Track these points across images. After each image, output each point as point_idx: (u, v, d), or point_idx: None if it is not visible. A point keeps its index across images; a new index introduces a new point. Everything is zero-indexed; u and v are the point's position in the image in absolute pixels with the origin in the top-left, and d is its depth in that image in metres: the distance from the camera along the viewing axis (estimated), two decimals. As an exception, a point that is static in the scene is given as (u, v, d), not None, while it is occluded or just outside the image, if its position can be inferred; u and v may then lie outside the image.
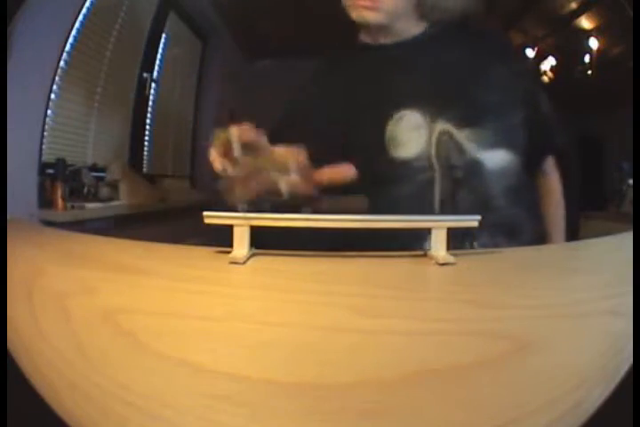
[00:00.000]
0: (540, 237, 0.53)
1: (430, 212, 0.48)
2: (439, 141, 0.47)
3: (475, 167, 0.48)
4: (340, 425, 0.20)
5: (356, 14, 0.47)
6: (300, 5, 0.54)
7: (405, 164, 0.47)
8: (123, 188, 0.63)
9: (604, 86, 0.65)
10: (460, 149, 0.47)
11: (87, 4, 0.59)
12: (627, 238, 0.42)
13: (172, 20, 0.64)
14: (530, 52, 0.65)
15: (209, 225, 0.39)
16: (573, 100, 0.65)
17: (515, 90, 0.50)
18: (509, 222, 0.50)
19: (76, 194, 0.62)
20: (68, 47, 0.59)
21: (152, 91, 0.63)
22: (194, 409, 0.21)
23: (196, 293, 0.33)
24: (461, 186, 0.48)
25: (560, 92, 0.67)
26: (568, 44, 0.68)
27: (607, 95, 0.64)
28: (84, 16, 0.60)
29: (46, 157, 0.59)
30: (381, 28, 0.49)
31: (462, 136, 0.47)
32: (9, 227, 0.48)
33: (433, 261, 0.39)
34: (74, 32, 0.59)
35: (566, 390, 0.23)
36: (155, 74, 0.63)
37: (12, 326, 0.30)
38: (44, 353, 0.27)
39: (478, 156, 0.48)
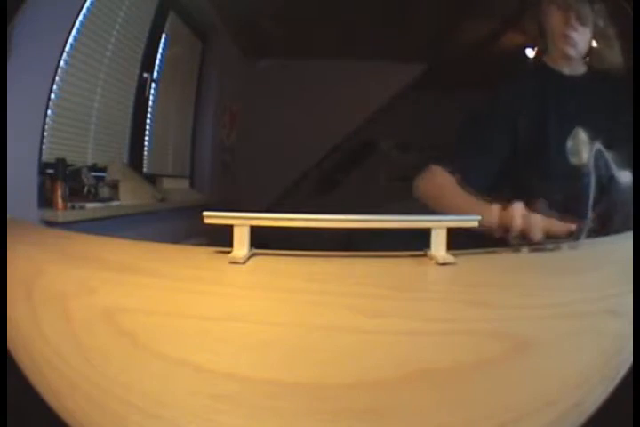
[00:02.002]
0: None
1: (586, 208, 0.56)
2: (596, 157, 0.58)
3: (615, 183, 0.58)
4: (340, 425, 0.20)
5: (564, 47, 0.58)
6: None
7: (578, 169, 0.57)
8: (123, 188, 0.63)
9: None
10: (607, 166, 0.58)
11: (87, 3, 0.59)
12: (627, 238, 0.42)
13: (172, 19, 0.64)
14: (530, 52, 0.65)
15: (209, 225, 0.39)
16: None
17: (628, 130, 0.60)
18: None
19: (76, 194, 0.62)
20: (68, 47, 0.59)
21: (152, 91, 0.63)
22: (194, 409, 0.21)
23: (196, 293, 0.33)
24: (605, 193, 0.58)
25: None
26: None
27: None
28: (84, 16, 0.59)
29: (46, 157, 0.59)
30: (569, 62, 0.60)
31: (609, 155, 0.58)
32: (9, 227, 0.48)
33: (433, 261, 0.39)
34: (74, 32, 0.59)
35: (566, 390, 0.23)
36: (155, 74, 0.63)
37: (11, 326, 0.30)
38: (44, 353, 0.27)
39: (617, 174, 0.58)
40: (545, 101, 0.63)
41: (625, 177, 0.59)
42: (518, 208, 0.51)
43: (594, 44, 0.62)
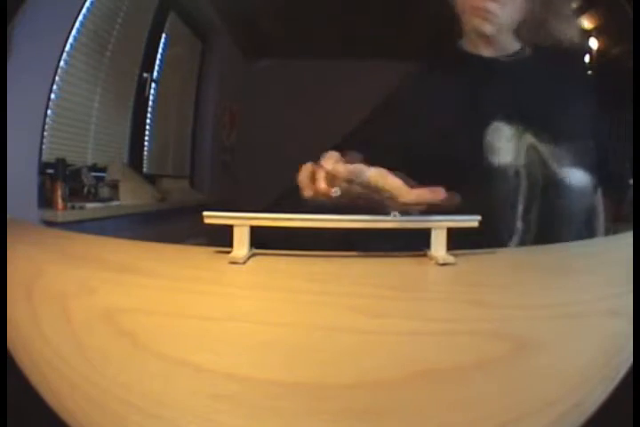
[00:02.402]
0: None
1: (514, 215, 0.52)
2: (528, 153, 0.52)
3: (554, 181, 0.52)
4: (341, 425, 0.20)
5: (477, 23, 0.49)
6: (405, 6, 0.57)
7: (499, 170, 0.52)
8: (123, 188, 0.63)
9: (604, 86, 0.65)
10: (543, 163, 0.52)
11: (87, 3, 0.59)
12: (627, 238, 0.42)
13: (172, 20, 0.64)
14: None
15: (209, 225, 0.39)
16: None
17: (592, 119, 0.55)
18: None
19: (76, 194, 0.62)
20: (68, 47, 0.59)
21: (152, 91, 0.63)
22: (194, 409, 0.21)
23: (196, 293, 0.33)
24: (541, 197, 0.53)
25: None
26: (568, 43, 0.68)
27: (607, 95, 0.64)
28: (84, 16, 0.59)
29: (46, 157, 0.59)
30: (487, 41, 0.52)
31: (546, 151, 0.52)
32: (9, 227, 0.48)
33: (433, 262, 0.39)
34: (74, 32, 0.59)
35: (566, 390, 0.23)
36: (155, 74, 0.63)
37: (11, 326, 0.30)
38: (44, 353, 0.27)
39: (559, 172, 0.52)
40: (459, 92, 0.54)
41: (575, 177, 0.54)
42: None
43: (533, 14, 0.53)
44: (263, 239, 0.41)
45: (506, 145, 0.52)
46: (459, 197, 0.45)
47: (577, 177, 0.53)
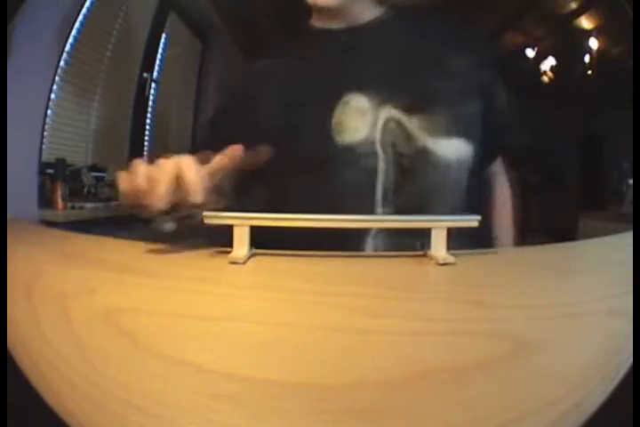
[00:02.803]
0: (486, 241, 0.52)
1: (372, 199, 0.46)
2: (385, 128, 0.46)
3: (424, 155, 0.47)
4: (341, 425, 0.20)
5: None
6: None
7: (349, 149, 0.46)
8: (123, 188, 0.63)
9: (604, 86, 0.65)
10: (409, 136, 0.46)
11: (87, 3, 0.59)
12: (627, 238, 0.42)
13: (172, 20, 0.64)
14: (530, 52, 0.65)
15: (209, 225, 0.39)
16: (573, 100, 0.65)
17: (470, 80, 0.49)
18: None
19: (76, 194, 0.62)
20: (68, 47, 0.59)
21: (152, 91, 0.63)
22: (194, 409, 0.21)
23: (196, 293, 0.33)
24: (409, 175, 0.47)
25: (560, 92, 0.67)
26: (568, 44, 0.68)
27: (607, 95, 0.64)
28: (84, 16, 0.60)
29: (46, 157, 0.59)
30: (334, 13, 0.48)
31: (412, 123, 0.46)
32: (9, 227, 0.48)
33: (433, 262, 0.39)
34: (74, 32, 0.59)
35: (566, 390, 0.23)
36: (155, 74, 0.63)
37: (12, 326, 0.30)
38: (44, 353, 0.27)
39: (429, 144, 0.46)
40: (299, 71, 0.49)
41: (446, 147, 0.46)
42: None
43: None
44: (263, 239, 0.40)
45: (357, 121, 0.46)
46: (268, 151, 0.43)
47: (452, 149, 0.47)
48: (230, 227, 0.39)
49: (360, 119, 0.46)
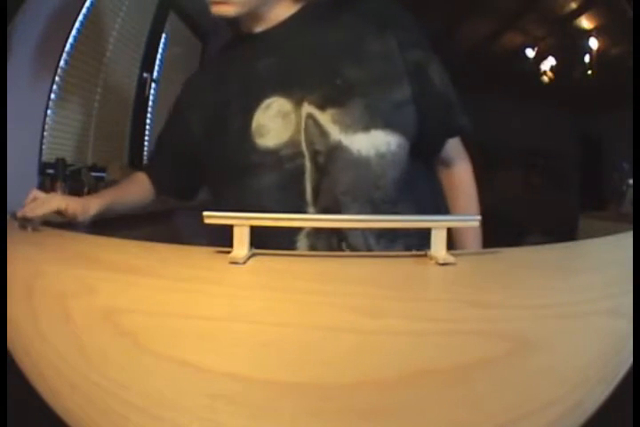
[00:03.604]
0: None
1: (301, 201, 0.45)
2: (306, 126, 0.45)
3: (339, 152, 0.45)
4: (341, 425, 0.20)
5: (214, 10, 0.47)
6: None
7: (272, 152, 0.46)
8: (123, 188, 0.63)
9: (604, 86, 0.64)
10: (323, 132, 0.44)
11: (87, 4, 0.59)
12: (627, 238, 0.42)
13: (172, 20, 0.64)
14: (530, 52, 0.65)
15: (209, 225, 0.39)
16: (573, 100, 0.65)
17: (395, 63, 0.46)
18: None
19: (76, 194, 0.62)
20: (67, 47, 0.59)
21: (152, 91, 0.63)
22: (194, 409, 0.21)
23: (196, 293, 0.33)
24: (327, 173, 0.45)
25: (560, 92, 0.67)
26: (568, 44, 0.68)
27: (607, 95, 0.64)
28: (84, 16, 0.60)
29: (46, 157, 0.59)
30: (250, 18, 0.48)
31: (325, 118, 0.44)
32: (9, 227, 0.48)
33: (433, 262, 0.39)
34: (74, 32, 0.59)
35: (566, 390, 0.23)
36: (155, 74, 0.63)
37: (12, 326, 0.30)
38: (44, 353, 0.27)
39: (344, 139, 0.44)
40: (223, 79, 0.50)
41: (370, 141, 0.44)
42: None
43: None
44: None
45: (279, 122, 0.45)
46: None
47: (376, 140, 0.44)
48: (230, 227, 0.39)
49: (282, 121, 0.45)
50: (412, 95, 0.46)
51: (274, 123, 0.45)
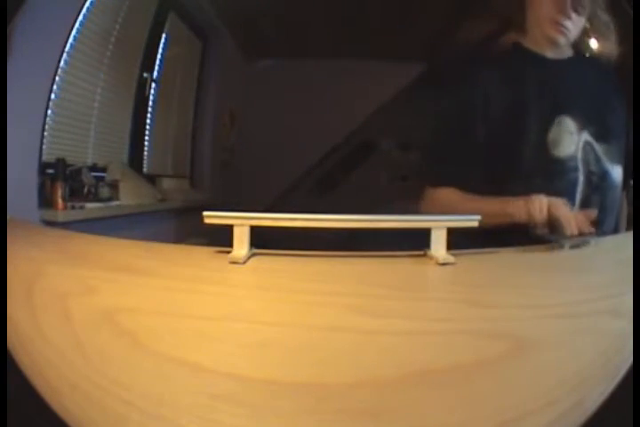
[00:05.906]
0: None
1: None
2: (584, 148, 0.56)
3: (605, 176, 0.57)
4: (340, 425, 0.20)
5: (551, 34, 0.55)
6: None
7: (562, 162, 0.55)
8: (123, 188, 0.63)
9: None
10: (597, 158, 0.56)
11: (87, 3, 0.59)
12: (627, 238, 0.42)
13: (172, 20, 0.64)
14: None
15: (209, 225, 0.39)
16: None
17: (626, 120, 0.58)
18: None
19: (76, 194, 0.62)
20: (67, 47, 0.59)
21: (152, 91, 0.63)
22: (194, 409, 0.21)
23: (196, 293, 0.33)
24: (596, 191, 0.56)
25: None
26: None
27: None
28: (84, 16, 0.60)
29: (46, 157, 0.59)
30: (555, 46, 0.58)
31: (598, 148, 0.56)
32: (9, 227, 0.48)
33: (433, 261, 0.39)
34: (74, 32, 0.59)
35: (566, 389, 0.23)
36: (155, 74, 0.63)
37: (12, 326, 0.30)
38: (44, 353, 0.27)
39: (608, 167, 0.57)
40: (523, 86, 0.59)
41: (617, 173, 0.57)
42: (541, 200, 0.50)
43: (588, 32, 0.60)
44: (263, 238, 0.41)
45: (568, 138, 0.55)
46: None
47: (618, 174, 0.57)
48: (230, 227, 0.39)
49: (569, 137, 0.55)
50: (624, 145, 0.60)
51: (563, 138, 0.55)
